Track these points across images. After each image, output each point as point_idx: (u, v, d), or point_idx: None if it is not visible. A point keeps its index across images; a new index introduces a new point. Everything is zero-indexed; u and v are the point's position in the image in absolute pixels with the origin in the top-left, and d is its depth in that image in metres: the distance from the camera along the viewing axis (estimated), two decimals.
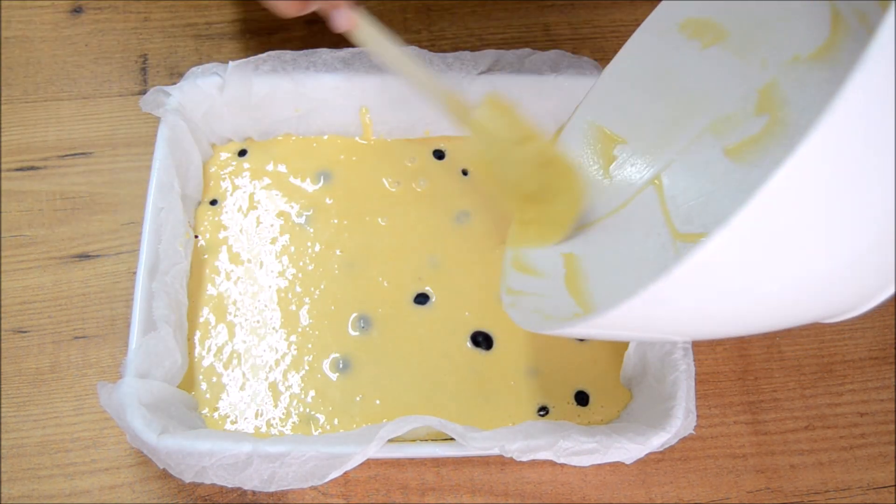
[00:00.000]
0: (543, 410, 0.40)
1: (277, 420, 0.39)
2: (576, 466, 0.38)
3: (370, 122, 0.46)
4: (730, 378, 0.42)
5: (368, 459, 0.36)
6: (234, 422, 0.39)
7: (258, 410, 0.39)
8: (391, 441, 0.35)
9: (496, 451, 0.35)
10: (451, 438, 0.36)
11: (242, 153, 0.46)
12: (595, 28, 0.53)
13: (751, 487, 0.40)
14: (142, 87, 0.50)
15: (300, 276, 0.43)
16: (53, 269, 0.44)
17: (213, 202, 0.45)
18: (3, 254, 0.44)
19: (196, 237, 0.43)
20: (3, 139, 0.48)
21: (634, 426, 0.37)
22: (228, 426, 0.39)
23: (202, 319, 0.41)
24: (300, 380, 0.40)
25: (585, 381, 0.40)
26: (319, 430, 0.39)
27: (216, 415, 0.39)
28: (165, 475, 0.39)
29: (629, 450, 0.36)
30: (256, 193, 0.45)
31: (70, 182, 0.47)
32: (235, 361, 0.40)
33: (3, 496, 0.39)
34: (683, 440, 0.37)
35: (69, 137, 0.48)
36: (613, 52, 0.40)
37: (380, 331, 0.41)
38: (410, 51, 0.44)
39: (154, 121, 0.43)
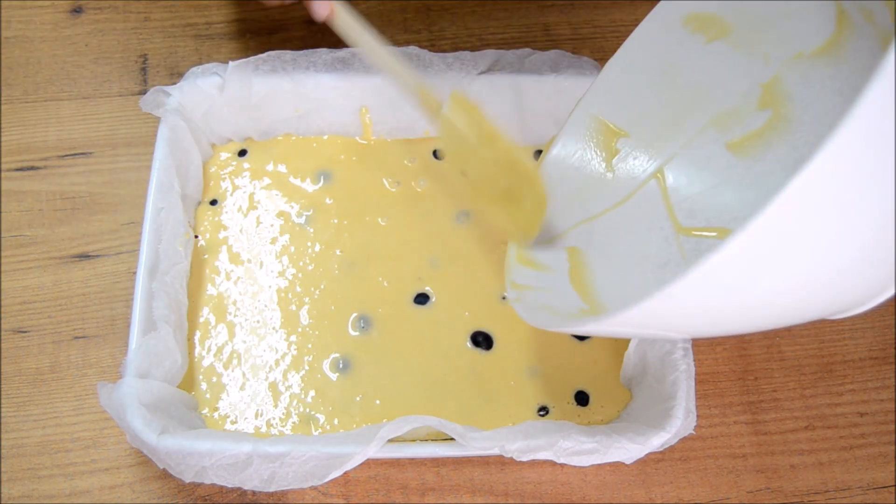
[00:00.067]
0: (543, 410, 0.40)
1: (277, 420, 0.39)
2: (576, 466, 0.38)
3: (370, 122, 0.46)
4: (730, 378, 0.42)
5: (368, 459, 0.36)
6: (234, 422, 0.39)
7: (258, 410, 0.39)
8: (391, 441, 0.35)
9: (496, 451, 0.35)
10: (451, 438, 0.36)
11: (242, 153, 0.46)
12: (595, 28, 0.53)
13: (751, 487, 0.40)
14: (142, 87, 0.50)
15: (300, 276, 0.43)
16: (53, 269, 0.44)
17: (213, 202, 0.45)
18: (3, 254, 0.44)
19: (196, 237, 0.43)
20: (3, 139, 0.48)
21: (634, 426, 0.37)
22: (228, 426, 0.39)
23: (202, 319, 0.41)
24: (300, 380, 0.40)
25: (585, 381, 0.40)
26: (319, 430, 0.39)
27: (216, 415, 0.39)
28: (165, 475, 0.39)
29: (629, 450, 0.36)
30: (256, 193, 0.45)
31: (70, 182, 0.47)
32: (235, 361, 0.40)
33: (3, 496, 0.39)
34: (683, 440, 0.37)
35: (69, 137, 0.48)
36: (613, 52, 0.40)
37: (380, 331, 0.41)
38: (411, 51, 0.44)
39: (154, 121, 0.43)
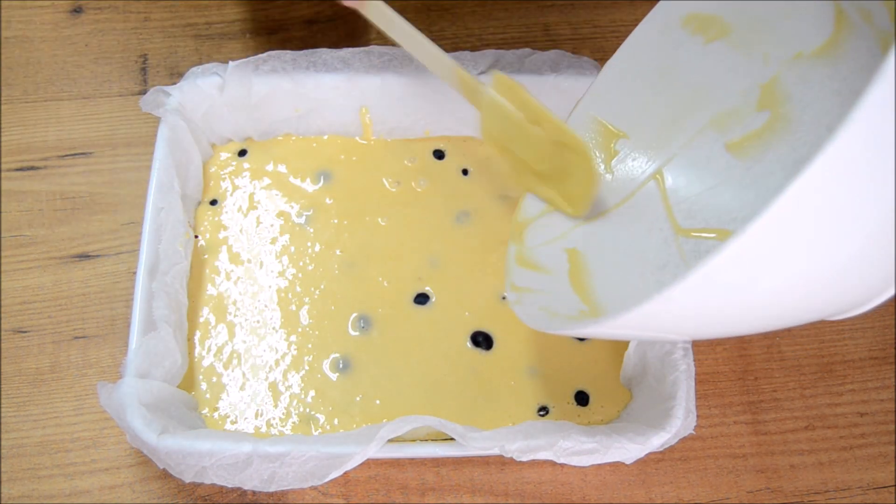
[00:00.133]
0: (543, 410, 0.40)
1: (277, 420, 0.39)
2: (576, 466, 0.38)
3: (370, 122, 0.46)
4: (730, 378, 0.42)
5: (368, 459, 0.36)
6: (234, 422, 0.39)
7: (258, 410, 0.39)
8: (391, 441, 0.35)
9: (496, 451, 0.35)
10: (451, 438, 0.36)
11: (242, 153, 0.46)
12: (595, 28, 0.53)
13: (751, 487, 0.40)
14: (142, 87, 0.50)
15: (300, 276, 0.43)
16: (53, 269, 0.44)
17: (213, 202, 0.45)
18: (3, 254, 0.44)
19: (196, 237, 0.43)
20: (3, 139, 0.48)
21: (634, 426, 0.37)
22: (228, 426, 0.39)
23: (202, 319, 0.41)
24: (300, 380, 0.40)
25: (585, 381, 0.40)
26: (319, 430, 0.39)
27: (216, 415, 0.39)
28: (165, 475, 0.39)
29: (629, 450, 0.36)
30: (256, 193, 0.45)
31: (70, 182, 0.47)
32: (235, 361, 0.40)
33: (3, 496, 0.39)
34: (683, 440, 0.37)
35: (69, 137, 0.48)
36: (613, 52, 0.40)
37: (380, 331, 0.41)
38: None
39: (154, 121, 0.43)
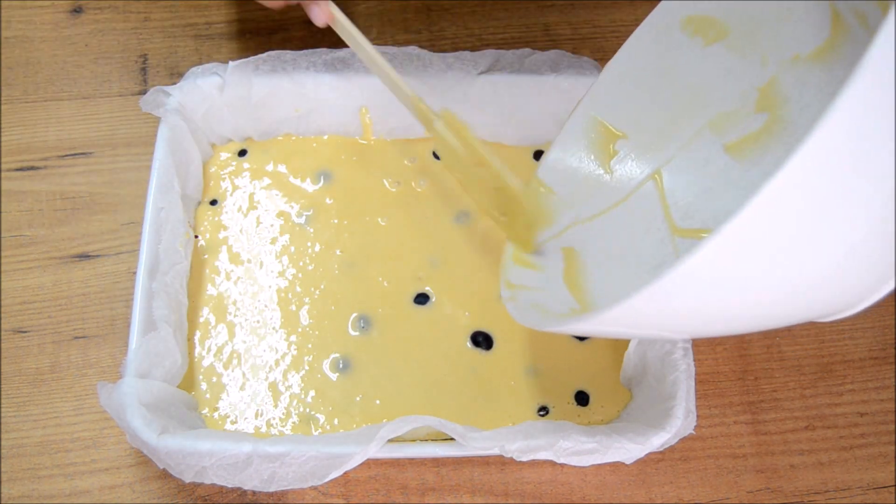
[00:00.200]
0: (543, 410, 0.40)
1: (277, 420, 0.39)
2: (576, 466, 0.38)
3: (370, 122, 0.46)
4: (730, 378, 0.42)
5: (368, 459, 0.36)
6: (234, 422, 0.39)
7: (258, 410, 0.39)
8: (391, 441, 0.35)
9: (496, 451, 0.35)
10: (451, 438, 0.36)
11: (242, 153, 0.46)
12: (595, 28, 0.53)
13: (751, 487, 0.40)
14: (142, 87, 0.50)
15: (300, 276, 0.43)
16: (53, 269, 0.44)
17: (213, 202, 0.45)
18: (3, 254, 0.44)
19: (196, 237, 0.43)
20: (3, 139, 0.48)
21: (634, 426, 0.37)
22: (228, 426, 0.39)
23: (202, 319, 0.41)
24: (300, 380, 0.40)
25: (585, 381, 0.40)
26: (319, 430, 0.39)
27: (216, 415, 0.39)
28: (165, 475, 0.39)
29: (629, 450, 0.36)
30: (256, 193, 0.45)
31: (70, 182, 0.47)
32: (235, 361, 0.40)
33: (3, 496, 0.39)
34: (683, 440, 0.37)
35: (69, 137, 0.48)
36: (613, 52, 0.40)
37: (380, 331, 0.41)
38: (411, 51, 0.44)
39: (154, 121, 0.43)
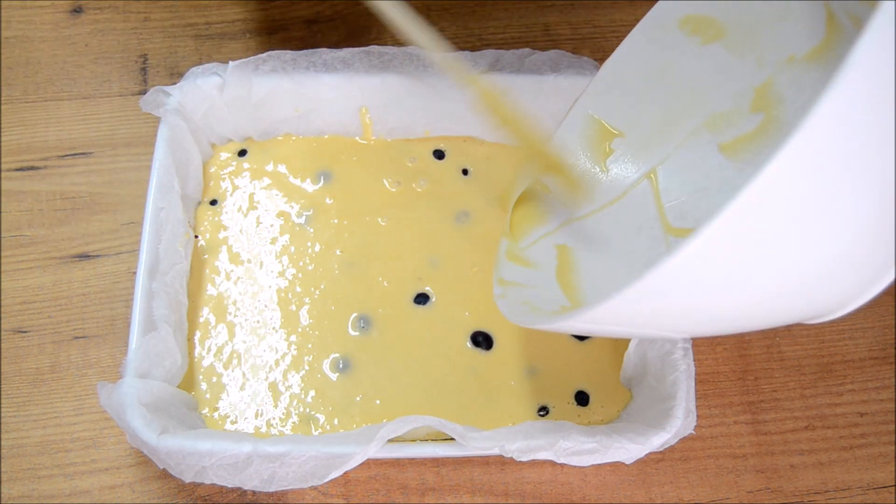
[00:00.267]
0: (543, 410, 0.40)
1: (277, 420, 0.39)
2: (576, 466, 0.38)
3: (370, 122, 0.46)
4: (730, 378, 0.42)
5: (368, 459, 0.36)
6: (234, 422, 0.39)
7: (258, 410, 0.39)
8: (391, 441, 0.35)
9: (496, 451, 0.35)
10: (451, 438, 0.36)
11: (242, 153, 0.46)
12: (595, 28, 0.53)
13: (751, 487, 0.40)
14: (142, 87, 0.50)
15: (300, 276, 0.43)
16: (53, 269, 0.44)
17: (213, 202, 0.45)
18: (3, 254, 0.44)
19: (196, 237, 0.43)
20: (3, 139, 0.48)
21: (634, 426, 0.37)
22: (228, 426, 0.39)
23: (202, 319, 0.41)
24: (300, 380, 0.40)
25: (585, 381, 0.40)
26: (319, 430, 0.39)
27: (216, 415, 0.39)
28: (165, 475, 0.39)
29: (629, 450, 0.36)
30: (256, 193, 0.45)
31: (70, 182, 0.47)
32: (235, 361, 0.40)
33: (3, 496, 0.39)
34: (683, 440, 0.37)
35: (69, 137, 0.48)
36: (613, 52, 0.40)
37: (380, 331, 0.41)
38: (411, 51, 0.44)
39: (154, 121, 0.43)
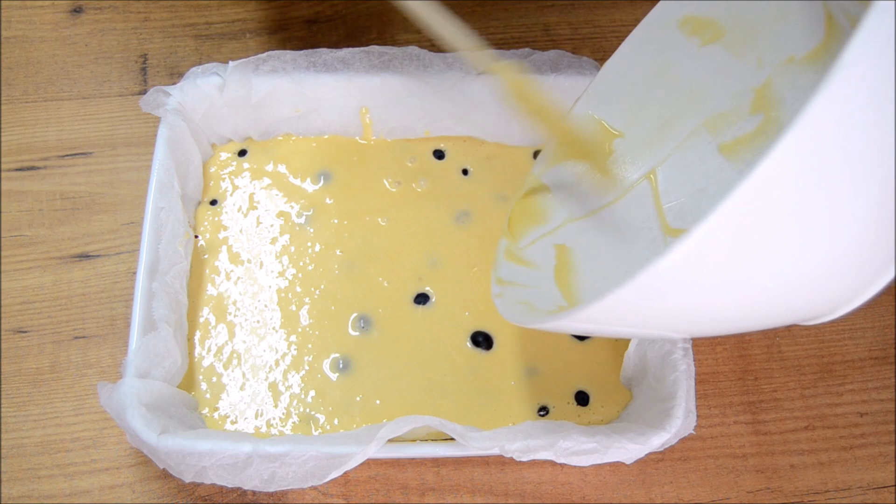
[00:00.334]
0: (543, 410, 0.40)
1: (277, 420, 0.39)
2: (576, 466, 0.38)
3: (370, 122, 0.46)
4: (730, 378, 0.42)
5: (368, 459, 0.36)
6: (234, 422, 0.39)
7: (258, 410, 0.39)
8: (391, 441, 0.35)
9: (496, 451, 0.35)
10: (451, 438, 0.36)
11: (242, 153, 0.46)
12: (595, 28, 0.53)
13: (751, 487, 0.40)
14: (142, 87, 0.50)
15: (300, 276, 0.43)
16: (53, 269, 0.44)
17: (213, 202, 0.45)
18: (3, 254, 0.44)
19: (196, 237, 0.43)
20: (3, 139, 0.48)
21: (634, 426, 0.37)
22: (228, 426, 0.39)
23: (202, 319, 0.41)
24: (300, 380, 0.40)
25: (585, 381, 0.40)
26: (319, 430, 0.39)
27: (216, 415, 0.39)
28: (165, 475, 0.39)
29: (629, 450, 0.36)
30: (256, 193, 0.45)
31: (70, 182, 0.47)
32: (235, 361, 0.40)
33: (3, 496, 0.39)
34: (683, 440, 0.37)
35: (69, 137, 0.48)
36: (613, 53, 0.40)
37: (380, 331, 0.41)
38: (412, 51, 0.44)
39: (154, 121, 0.43)
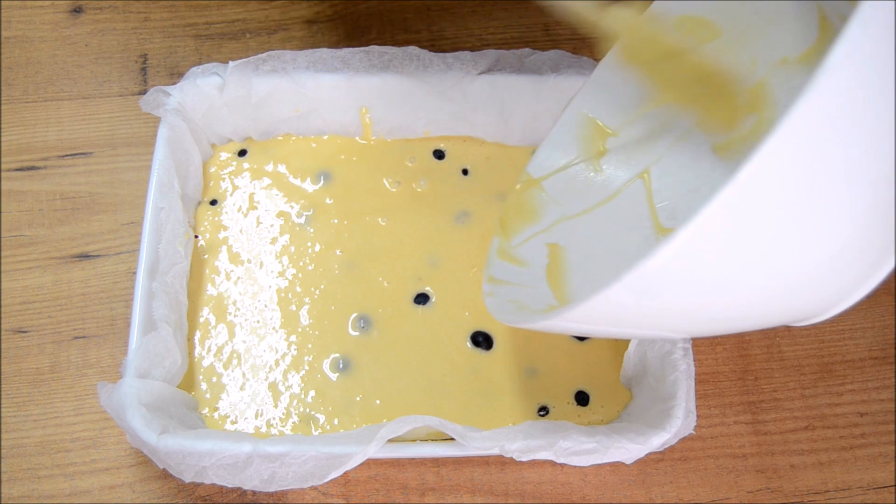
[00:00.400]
0: (543, 410, 0.40)
1: (277, 420, 0.39)
2: (576, 466, 0.38)
3: (370, 122, 0.46)
4: (730, 378, 0.42)
5: (368, 459, 0.36)
6: (234, 422, 0.39)
7: (258, 410, 0.39)
8: (391, 441, 0.35)
9: (496, 451, 0.35)
10: (451, 438, 0.36)
11: (242, 153, 0.46)
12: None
13: (751, 487, 0.40)
14: (142, 87, 0.50)
15: (300, 276, 0.43)
16: (53, 269, 0.44)
17: (213, 202, 0.45)
18: (3, 254, 0.44)
19: (196, 237, 0.43)
20: (3, 139, 0.48)
21: (634, 426, 0.37)
22: (228, 426, 0.39)
23: (202, 319, 0.41)
24: (300, 380, 0.40)
25: (585, 381, 0.40)
26: (319, 430, 0.39)
27: (216, 415, 0.39)
28: (165, 475, 0.39)
29: (629, 450, 0.36)
30: (256, 193, 0.45)
31: (70, 182, 0.47)
32: (235, 361, 0.40)
33: (3, 496, 0.39)
34: (683, 440, 0.37)
35: (69, 137, 0.48)
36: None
37: (380, 331, 0.41)
38: (411, 51, 0.44)
39: (154, 121, 0.43)
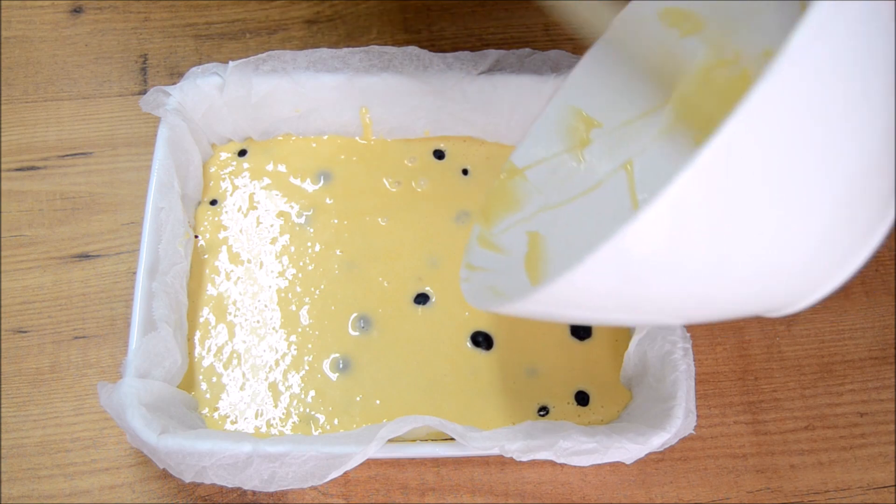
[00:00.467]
0: (543, 410, 0.40)
1: (277, 420, 0.39)
2: (576, 466, 0.38)
3: (370, 122, 0.46)
4: (730, 378, 0.42)
5: (368, 459, 0.36)
6: (234, 422, 0.39)
7: (258, 410, 0.39)
8: (391, 441, 0.35)
9: (496, 451, 0.35)
10: (451, 438, 0.36)
11: (242, 153, 0.46)
12: None
13: (751, 487, 0.40)
14: (142, 87, 0.50)
15: (300, 276, 0.43)
16: (53, 269, 0.44)
17: (213, 202, 0.45)
18: (3, 254, 0.44)
19: (196, 237, 0.43)
20: (3, 139, 0.48)
21: (634, 426, 0.37)
22: (228, 426, 0.39)
23: (202, 319, 0.41)
24: (300, 380, 0.40)
25: (585, 381, 0.40)
26: (319, 430, 0.39)
27: (216, 415, 0.39)
28: (165, 475, 0.39)
29: (629, 450, 0.36)
30: (256, 193, 0.45)
31: (70, 182, 0.47)
32: (235, 361, 0.40)
33: (3, 496, 0.39)
34: (683, 440, 0.37)
35: (69, 137, 0.48)
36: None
37: (380, 331, 0.41)
38: (411, 51, 0.44)
39: (154, 121, 0.43)
